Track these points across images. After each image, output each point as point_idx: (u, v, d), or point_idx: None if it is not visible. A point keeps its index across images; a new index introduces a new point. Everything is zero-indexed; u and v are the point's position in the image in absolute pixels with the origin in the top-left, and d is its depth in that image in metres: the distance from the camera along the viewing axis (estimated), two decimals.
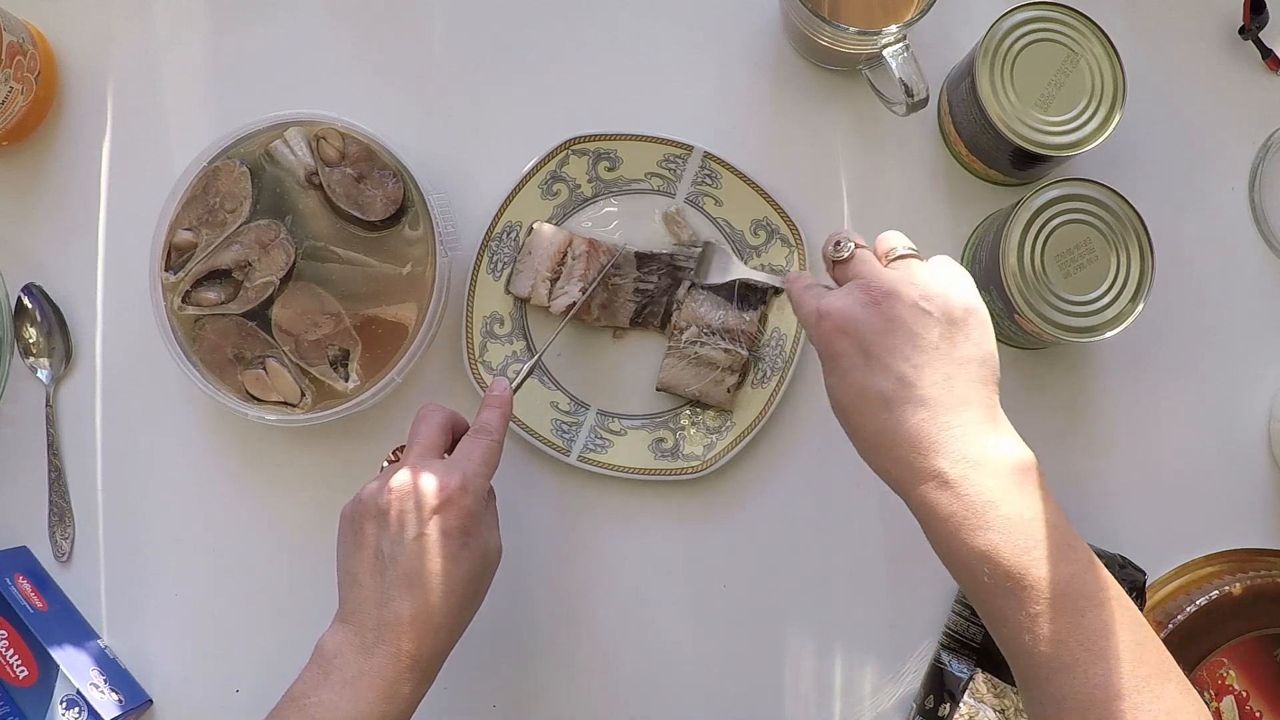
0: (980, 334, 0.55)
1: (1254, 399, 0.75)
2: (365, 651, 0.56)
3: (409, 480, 0.59)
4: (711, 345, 0.72)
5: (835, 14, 0.68)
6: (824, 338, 0.55)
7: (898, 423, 0.52)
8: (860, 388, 0.54)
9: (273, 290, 0.70)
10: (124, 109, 0.77)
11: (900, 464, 0.53)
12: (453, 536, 0.58)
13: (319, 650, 0.58)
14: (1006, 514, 0.51)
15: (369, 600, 0.58)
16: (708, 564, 0.74)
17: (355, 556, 0.59)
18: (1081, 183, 0.67)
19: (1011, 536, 0.50)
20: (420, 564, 0.57)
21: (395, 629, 0.57)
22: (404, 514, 0.58)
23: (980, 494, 0.51)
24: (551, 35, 0.77)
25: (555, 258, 0.72)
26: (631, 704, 0.73)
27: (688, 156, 0.74)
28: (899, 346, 0.53)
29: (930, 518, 0.52)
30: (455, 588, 0.58)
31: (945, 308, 0.54)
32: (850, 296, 0.55)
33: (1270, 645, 0.70)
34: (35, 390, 0.75)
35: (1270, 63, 0.76)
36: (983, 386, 0.54)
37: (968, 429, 0.52)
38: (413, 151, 0.71)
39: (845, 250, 0.57)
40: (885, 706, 0.73)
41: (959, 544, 0.51)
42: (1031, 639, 0.50)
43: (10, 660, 0.69)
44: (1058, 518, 0.52)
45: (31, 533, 0.74)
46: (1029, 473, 0.52)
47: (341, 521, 0.62)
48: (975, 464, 0.51)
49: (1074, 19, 0.68)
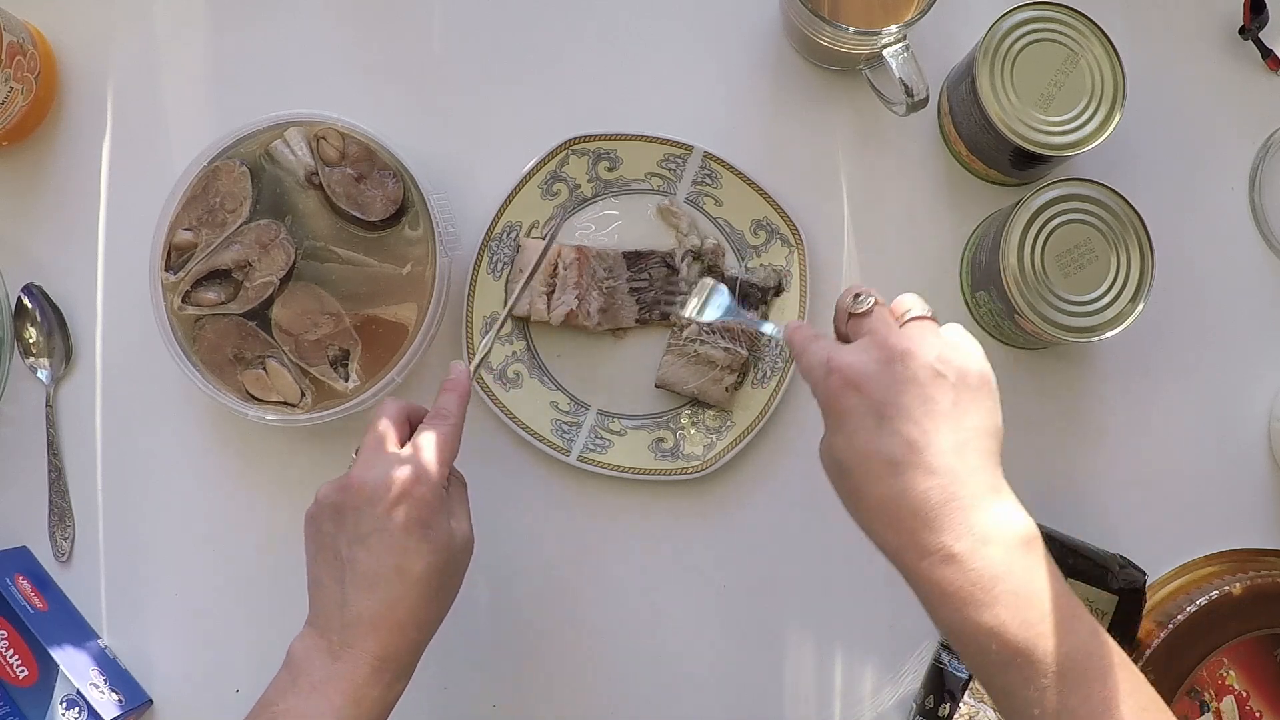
0: (991, 404, 0.53)
1: (1254, 399, 0.75)
2: (332, 655, 0.56)
3: (362, 474, 0.58)
4: (711, 344, 0.72)
5: (835, 14, 0.68)
6: (832, 392, 0.53)
7: (904, 489, 0.51)
8: (867, 449, 0.52)
9: (273, 290, 0.70)
10: (124, 109, 0.77)
11: (904, 533, 0.51)
12: (410, 530, 0.56)
13: (289, 656, 0.57)
14: (1014, 589, 0.49)
15: (331, 603, 0.57)
16: (708, 564, 0.74)
17: (317, 559, 0.58)
18: (1081, 183, 0.67)
19: (1019, 611, 0.49)
20: (378, 561, 0.56)
21: (358, 630, 0.56)
22: (358, 511, 0.57)
23: (988, 569, 0.49)
24: (551, 35, 0.77)
25: (547, 270, 0.72)
26: (631, 704, 0.73)
27: (688, 156, 0.74)
28: (911, 408, 0.51)
29: (934, 593, 0.50)
30: (418, 582, 0.56)
31: (960, 373, 0.52)
32: (865, 353, 0.53)
33: (1270, 645, 0.70)
34: (35, 390, 0.75)
35: (1270, 63, 0.76)
36: (990, 458, 0.52)
37: (976, 501, 0.50)
38: (413, 151, 0.71)
39: (864, 304, 0.55)
40: (885, 706, 0.73)
41: (965, 620, 0.49)
42: (1040, 713, 0.49)
43: (10, 660, 0.69)
44: (1061, 587, 0.51)
45: (31, 533, 0.74)
46: (1033, 544, 0.51)
47: (305, 523, 0.60)
48: (982, 538, 0.50)
49: (1074, 19, 0.68)
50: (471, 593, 0.74)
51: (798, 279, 0.74)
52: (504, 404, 0.73)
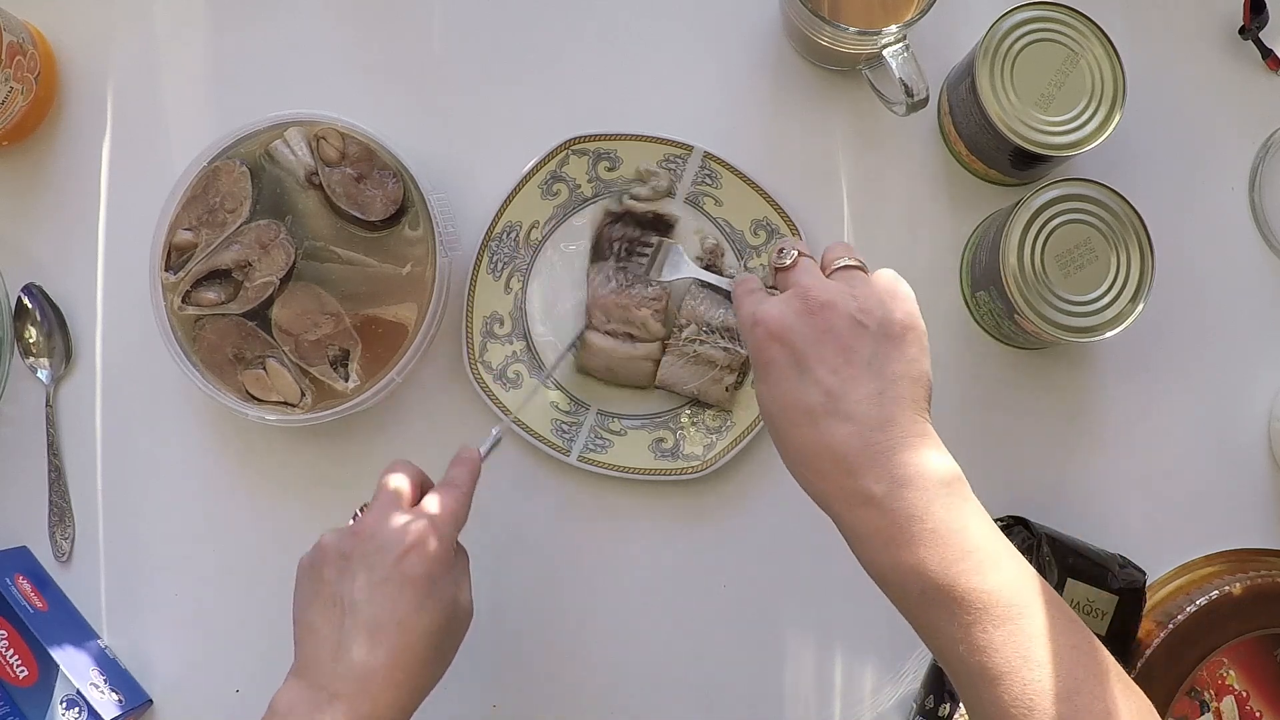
0: (915, 351, 0.53)
1: (1254, 399, 0.75)
2: (318, 709, 0.53)
3: (373, 525, 0.57)
4: (711, 344, 0.72)
5: (835, 14, 0.68)
6: (757, 344, 0.54)
7: (822, 436, 0.52)
8: (788, 398, 0.53)
9: (273, 290, 0.70)
10: (124, 109, 0.77)
11: (825, 479, 0.52)
12: (418, 583, 0.55)
13: (272, 708, 0.55)
14: (933, 527, 0.50)
15: (325, 651, 0.55)
16: (708, 564, 0.74)
17: (313, 604, 0.57)
18: (1081, 183, 0.67)
19: (939, 549, 0.49)
20: (383, 610, 0.55)
21: (352, 682, 0.54)
22: (368, 557, 0.56)
23: (906, 509, 0.50)
24: (551, 35, 0.77)
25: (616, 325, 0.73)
26: (631, 704, 0.73)
27: (688, 156, 0.74)
28: (829, 359, 0.52)
29: (857, 535, 0.51)
30: (419, 639, 0.55)
31: (882, 322, 0.53)
32: (787, 305, 0.54)
33: (1270, 645, 0.70)
34: (35, 390, 0.75)
35: (1270, 63, 0.76)
36: (912, 404, 0.52)
37: (894, 445, 0.51)
38: (413, 151, 0.71)
39: (787, 258, 0.57)
40: (885, 706, 0.73)
41: (887, 560, 0.50)
42: (966, 649, 0.49)
43: (10, 660, 0.69)
44: (985, 526, 0.51)
45: (31, 533, 0.74)
46: (954, 484, 0.51)
47: (299, 571, 0.59)
48: (901, 481, 0.50)
49: (1074, 19, 0.68)
50: (471, 592, 0.74)
51: None
52: (504, 404, 0.73)
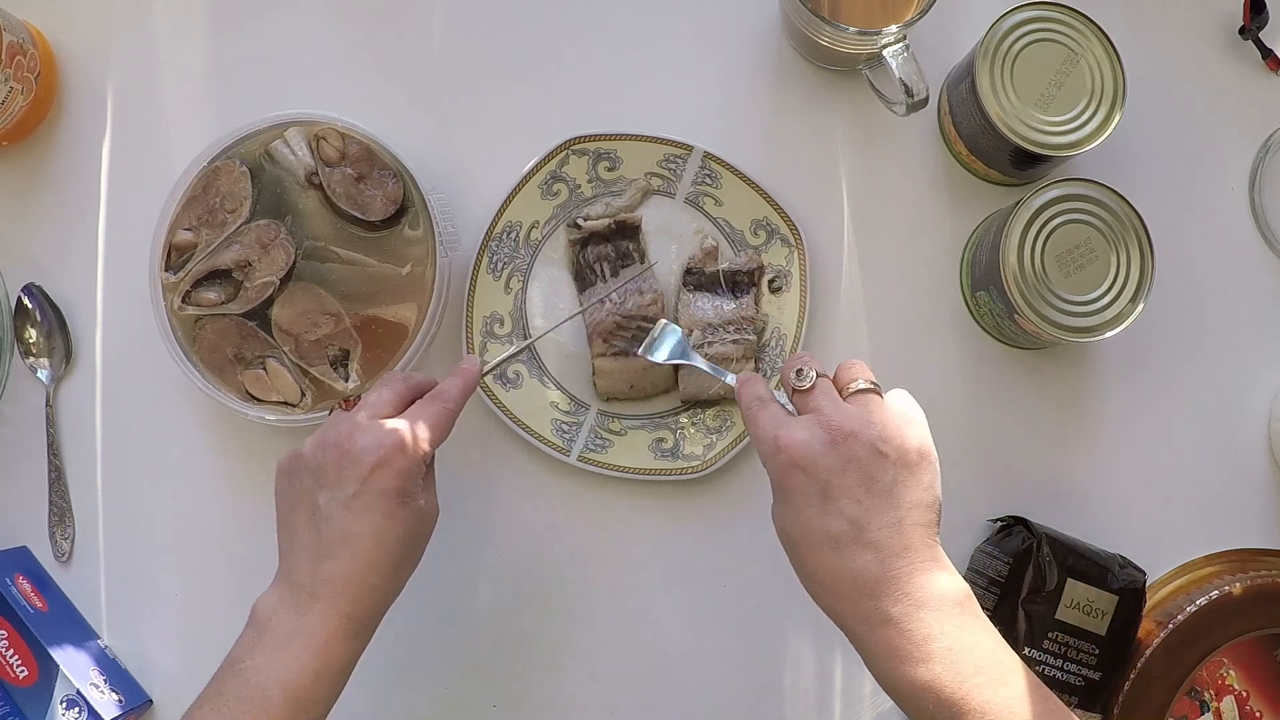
0: (930, 479, 0.56)
1: (1254, 399, 0.75)
2: (299, 611, 0.56)
3: (349, 437, 0.58)
4: (720, 342, 0.72)
5: (835, 14, 0.68)
6: (780, 471, 0.56)
7: (845, 562, 0.54)
8: (812, 524, 0.55)
9: (273, 290, 0.70)
10: (124, 109, 0.77)
11: (844, 601, 0.55)
12: (390, 496, 0.57)
13: (254, 612, 0.58)
14: (949, 646, 0.53)
15: (305, 557, 0.58)
16: (708, 564, 0.74)
17: (294, 511, 0.59)
18: (1081, 183, 0.67)
19: (952, 666, 0.52)
20: (356, 522, 0.57)
21: (331, 586, 0.56)
22: (342, 470, 0.58)
23: (923, 630, 0.53)
24: (551, 35, 0.77)
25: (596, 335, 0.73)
26: (631, 704, 0.73)
27: (688, 156, 0.74)
28: (853, 488, 0.55)
29: (875, 653, 0.54)
30: (391, 546, 0.58)
31: (901, 451, 0.55)
32: (809, 432, 0.56)
33: (1270, 645, 0.70)
34: (35, 390, 0.75)
35: (1270, 63, 0.76)
36: (926, 529, 0.55)
37: (911, 570, 0.54)
38: (413, 151, 0.71)
39: (806, 381, 0.58)
40: (885, 707, 0.73)
41: (903, 676, 0.53)
42: None
43: (10, 660, 0.69)
44: (994, 642, 0.54)
45: (31, 533, 0.74)
46: (965, 604, 0.54)
47: (278, 475, 0.61)
48: (918, 603, 0.53)
49: (1074, 19, 0.68)
50: (472, 592, 0.74)
51: (798, 279, 0.74)
52: (504, 404, 0.73)
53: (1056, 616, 0.69)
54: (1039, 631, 0.69)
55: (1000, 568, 0.70)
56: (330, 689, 0.57)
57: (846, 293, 0.75)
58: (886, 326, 0.75)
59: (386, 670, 0.73)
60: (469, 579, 0.74)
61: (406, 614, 0.74)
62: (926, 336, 0.75)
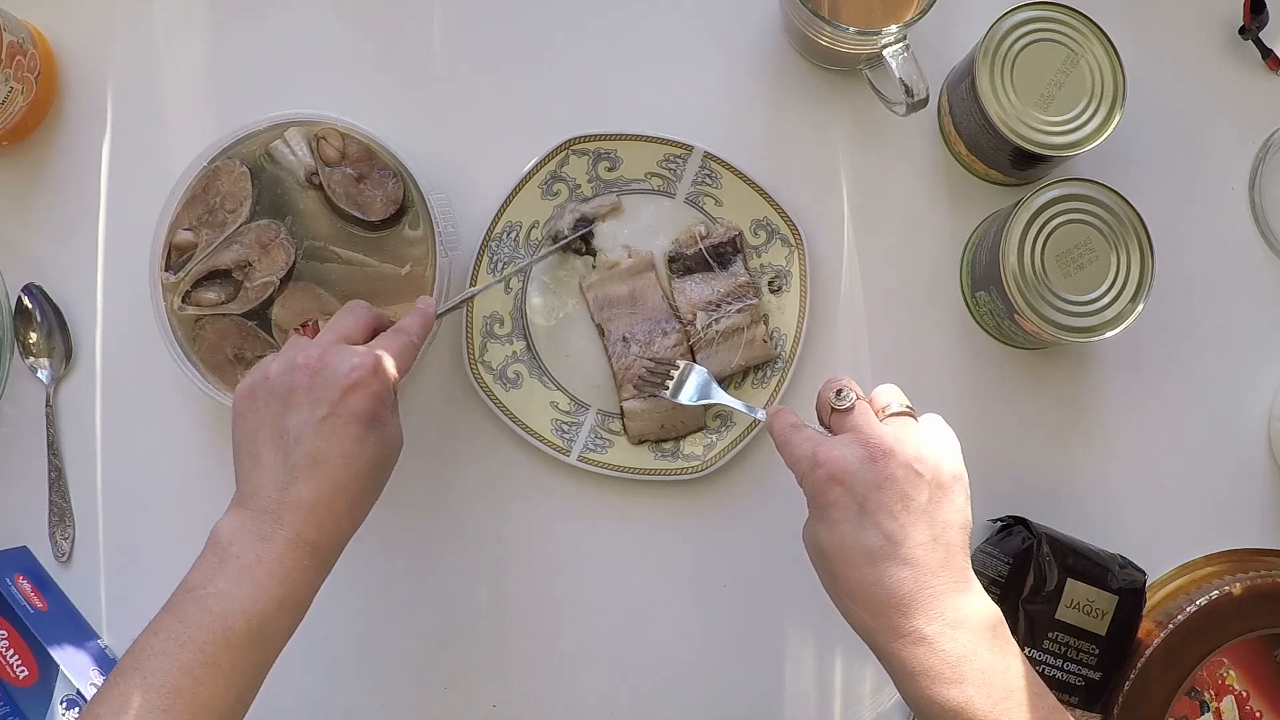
0: (963, 500, 0.57)
1: (1254, 399, 0.75)
2: (263, 537, 0.55)
3: (320, 360, 0.58)
4: (725, 314, 0.72)
5: (835, 14, 0.68)
6: (818, 485, 0.56)
7: (880, 578, 0.54)
8: (848, 539, 0.55)
9: (273, 290, 0.70)
10: (124, 109, 0.77)
11: (878, 617, 0.55)
12: (361, 419, 0.57)
13: (214, 537, 0.56)
14: (981, 668, 0.53)
15: (270, 481, 0.56)
16: (708, 564, 0.74)
17: (257, 435, 0.57)
18: (1081, 183, 0.67)
19: (985, 688, 0.52)
20: (327, 444, 0.56)
21: (296, 512, 0.55)
22: (314, 391, 0.57)
23: (957, 650, 0.53)
24: (551, 35, 0.77)
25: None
26: (631, 704, 0.73)
27: (688, 156, 0.74)
28: (890, 504, 0.55)
29: (907, 671, 0.54)
30: (361, 471, 0.57)
31: (935, 471, 0.56)
32: (848, 449, 0.56)
33: (1270, 645, 0.70)
34: (35, 390, 0.75)
35: (1270, 63, 0.76)
36: (961, 550, 0.56)
37: (945, 589, 0.54)
38: (413, 151, 0.71)
39: (846, 401, 0.59)
40: (885, 707, 0.73)
41: (935, 696, 0.53)
42: None
43: (10, 660, 0.69)
44: (1024, 666, 0.54)
45: (31, 533, 0.74)
46: (998, 627, 0.55)
47: (237, 398, 0.59)
48: (952, 623, 0.53)
49: (1074, 19, 0.68)
50: (471, 592, 0.74)
51: (798, 279, 0.74)
52: (504, 404, 0.73)
53: (1056, 616, 0.69)
54: (1039, 631, 0.69)
55: (1000, 568, 0.70)
56: (291, 620, 0.56)
57: (846, 293, 0.75)
58: (886, 326, 0.75)
59: (387, 669, 0.73)
60: (469, 579, 0.74)
61: (407, 613, 0.74)
62: (926, 336, 0.75)
